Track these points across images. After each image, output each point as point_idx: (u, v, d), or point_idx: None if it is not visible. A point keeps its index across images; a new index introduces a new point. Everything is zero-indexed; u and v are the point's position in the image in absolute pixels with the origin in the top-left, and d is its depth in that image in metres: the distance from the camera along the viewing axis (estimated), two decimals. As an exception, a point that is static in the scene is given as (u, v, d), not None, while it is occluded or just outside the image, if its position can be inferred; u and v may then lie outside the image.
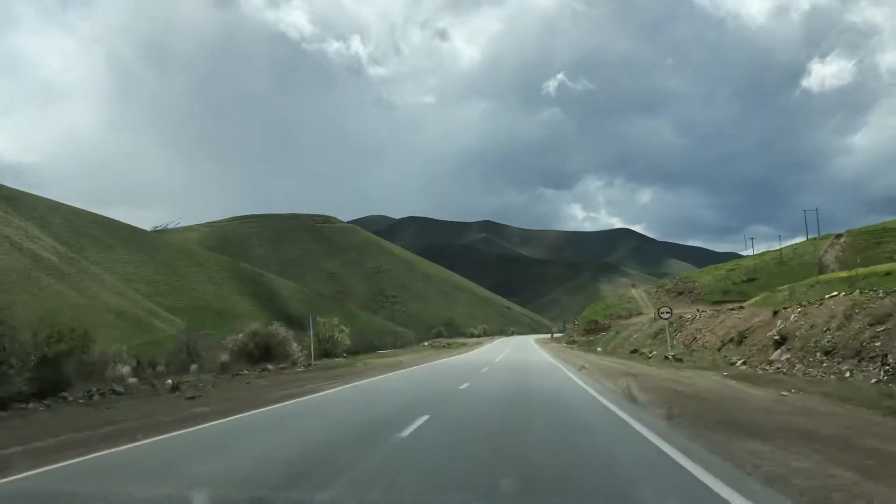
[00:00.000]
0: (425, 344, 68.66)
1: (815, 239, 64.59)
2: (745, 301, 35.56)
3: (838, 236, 59.27)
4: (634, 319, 44.79)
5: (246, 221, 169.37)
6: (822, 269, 49.51)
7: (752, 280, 51.31)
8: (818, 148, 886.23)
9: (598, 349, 34.87)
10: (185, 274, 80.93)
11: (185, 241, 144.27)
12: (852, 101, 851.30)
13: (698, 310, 37.60)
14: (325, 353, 36.51)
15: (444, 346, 55.06)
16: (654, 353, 28.06)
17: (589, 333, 49.50)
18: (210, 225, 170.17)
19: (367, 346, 48.83)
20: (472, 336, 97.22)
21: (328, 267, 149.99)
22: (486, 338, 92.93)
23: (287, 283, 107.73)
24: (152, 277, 73.94)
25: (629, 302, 50.80)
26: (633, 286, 65.65)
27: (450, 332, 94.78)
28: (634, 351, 31.69)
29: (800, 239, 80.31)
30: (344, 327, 40.22)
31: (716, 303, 46.47)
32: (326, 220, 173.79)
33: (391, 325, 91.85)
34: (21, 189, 79.78)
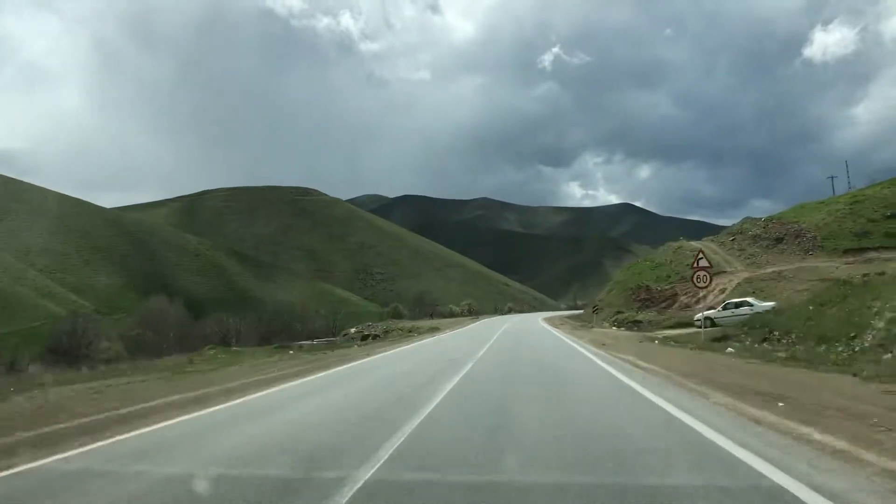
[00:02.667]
0: (352, 333, 54.37)
1: None
2: None
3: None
4: (715, 281, 30.03)
5: (218, 195, 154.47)
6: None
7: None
8: (820, 119, 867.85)
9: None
10: (108, 248, 66.22)
11: (148, 217, 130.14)
12: (855, 71, 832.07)
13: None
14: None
15: (364, 343, 35.36)
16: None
17: (643, 306, 34.53)
18: (179, 199, 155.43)
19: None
20: (450, 315, 78.89)
21: (308, 243, 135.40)
22: (470, 318, 69.86)
23: (227, 262, 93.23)
24: (61, 250, 59.27)
25: (690, 256, 35.58)
26: (681, 239, 50.06)
27: (420, 310, 78.72)
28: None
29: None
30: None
31: (851, 251, 31.87)
32: (307, 192, 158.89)
33: (368, 305, 77.59)
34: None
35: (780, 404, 6.73)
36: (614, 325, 34.00)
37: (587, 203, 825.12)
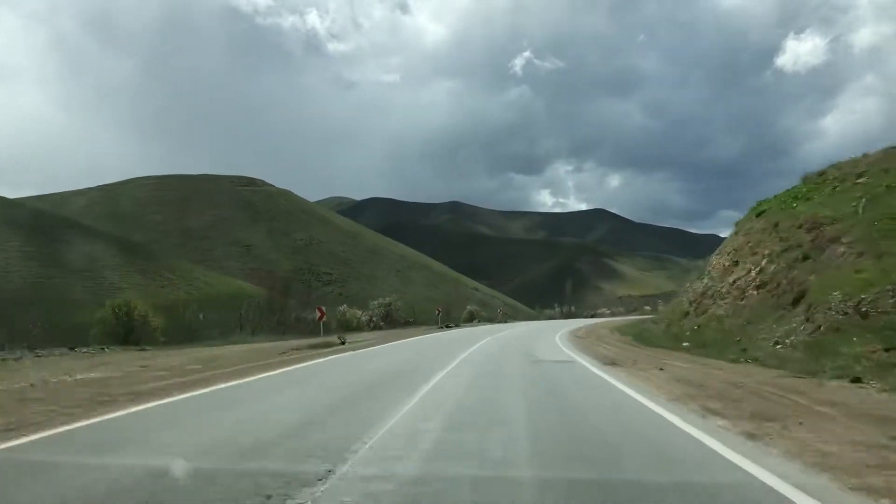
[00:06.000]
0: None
1: None
2: None
3: None
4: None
5: (146, 184, 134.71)
6: None
7: None
8: (789, 131, 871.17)
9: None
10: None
11: (65, 208, 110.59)
12: (825, 82, 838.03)
13: None
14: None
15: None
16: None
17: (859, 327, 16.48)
18: (101, 188, 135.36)
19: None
20: (352, 327, 46.56)
21: (246, 238, 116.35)
22: (376, 334, 39.18)
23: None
24: None
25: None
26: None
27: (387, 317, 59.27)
28: None
29: None
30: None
31: None
32: (251, 182, 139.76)
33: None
34: None
35: None
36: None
37: (559, 210, 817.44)
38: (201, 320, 43.68)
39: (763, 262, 21.44)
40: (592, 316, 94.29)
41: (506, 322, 73.72)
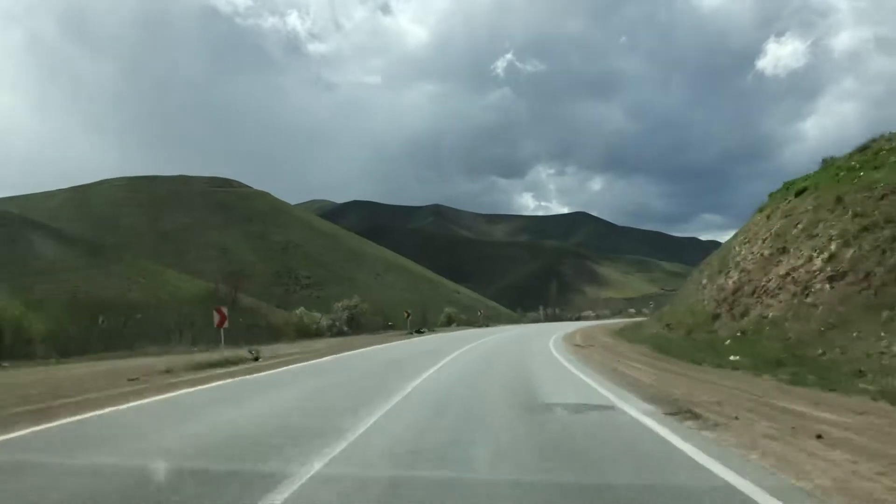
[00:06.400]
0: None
1: None
2: None
3: None
4: None
5: (119, 185, 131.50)
6: None
7: None
8: (769, 135, 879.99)
9: None
10: None
11: (34, 210, 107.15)
12: (804, 86, 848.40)
13: None
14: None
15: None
16: None
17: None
18: (74, 189, 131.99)
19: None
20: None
21: (222, 241, 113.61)
22: (325, 343, 38.18)
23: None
24: None
25: None
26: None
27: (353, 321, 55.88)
28: None
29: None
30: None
31: None
32: (226, 183, 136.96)
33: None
34: None
35: None
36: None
37: (541, 213, 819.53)
38: (102, 326, 38.32)
39: (833, 247, 17.04)
40: (578, 319, 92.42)
41: (487, 326, 71.15)
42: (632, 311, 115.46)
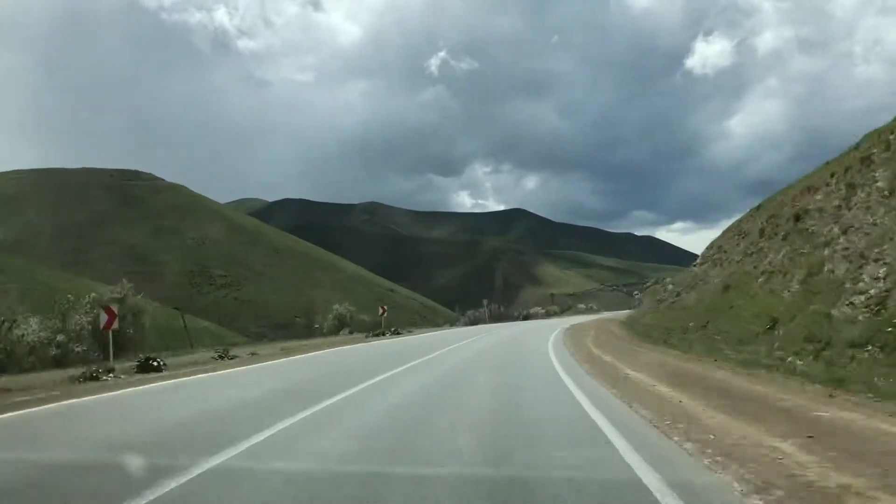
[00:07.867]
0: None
1: None
2: None
3: None
4: None
5: (13, 178, 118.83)
6: None
7: None
8: (697, 132, 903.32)
9: None
10: None
11: None
12: (731, 84, 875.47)
13: None
14: None
15: None
16: None
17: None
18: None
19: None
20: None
21: (130, 237, 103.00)
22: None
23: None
24: None
25: None
26: None
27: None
28: None
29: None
30: None
31: None
32: (136, 176, 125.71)
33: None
34: None
35: None
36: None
37: (478, 211, 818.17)
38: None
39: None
40: (526, 317, 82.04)
41: (401, 335, 41.84)
42: (581, 306, 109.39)
